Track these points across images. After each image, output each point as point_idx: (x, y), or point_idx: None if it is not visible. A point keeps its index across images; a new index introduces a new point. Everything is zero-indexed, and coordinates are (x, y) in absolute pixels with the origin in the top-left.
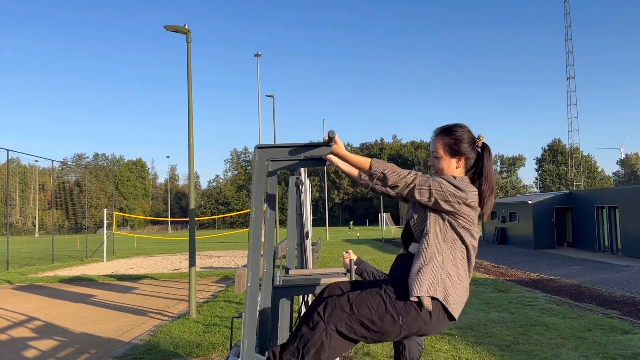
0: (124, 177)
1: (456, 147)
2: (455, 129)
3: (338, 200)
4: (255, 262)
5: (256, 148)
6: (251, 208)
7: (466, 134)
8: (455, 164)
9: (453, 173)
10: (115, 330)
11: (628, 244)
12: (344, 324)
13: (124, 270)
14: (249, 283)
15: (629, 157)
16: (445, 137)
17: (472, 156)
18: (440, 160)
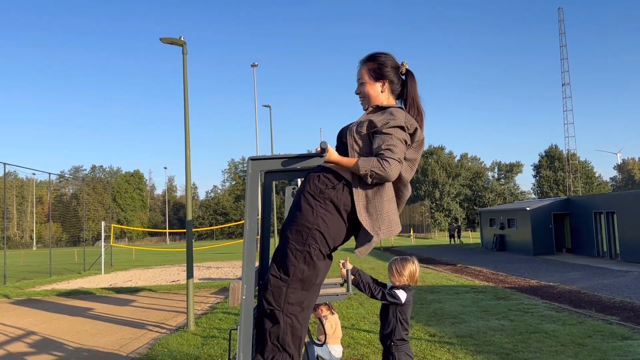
0: (121, 189)
1: (379, 71)
2: (379, 54)
3: None
4: (250, 275)
5: (249, 160)
6: (245, 220)
7: (390, 60)
8: (380, 87)
9: (379, 97)
10: (114, 343)
11: (627, 249)
12: (290, 296)
13: (122, 282)
14: (243, 296)
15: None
16: (369, 62)
17: (396, 81)
18: (365, 85)
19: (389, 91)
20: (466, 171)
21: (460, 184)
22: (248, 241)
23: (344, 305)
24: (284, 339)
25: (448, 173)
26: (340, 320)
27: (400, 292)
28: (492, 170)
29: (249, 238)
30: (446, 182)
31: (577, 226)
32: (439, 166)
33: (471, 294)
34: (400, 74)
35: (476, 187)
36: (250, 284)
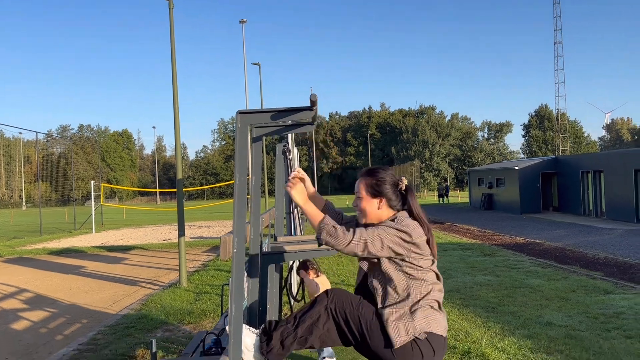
0: (110, 149)
1: (377, 188)
2: (378, 170)
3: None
4: (241, 228)
5: (238, 114)
6: (235, 173)
7: (389, 176)
8: (377, 204)
9: (375, 213)
10: (106, 300)
11: (612, 207)
12: (343, 312)
13: (113, 241)
14: (235, 249)
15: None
16: (368, 178)
17: (394, 198)
18: (362, 200)
19: (386, 207)
20: (456, 131)
21: (450, 144)
22: (238, 195)
23: (334, 262)
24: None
25: (438, 133)
26: (330, 277)
27: None
28: (482, 130)
29: (240, 191)
30: (436, 142)
31: (565, 185)
32: (429, 126)
33: (458, 251)
34: (399, 191)
35: (466, 147)
36: (241, 238)
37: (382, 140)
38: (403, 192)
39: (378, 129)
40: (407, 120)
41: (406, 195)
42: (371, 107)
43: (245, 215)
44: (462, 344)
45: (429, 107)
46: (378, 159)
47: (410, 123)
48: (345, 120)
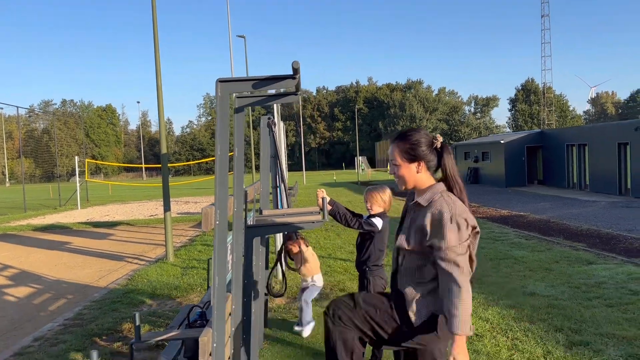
0: (94, 124)
1: (413, 152)
2: (411, 133)
3: (314, 145)
4: (223, 200)
5: (218, 82)
6: (216, 145)
7: (423, 137)
8: (416, 169)
9: (415, 179)
10: (92, 275)
11: (596, 180)
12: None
13: (99, 217)
14: (217, 221)
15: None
16: (401, 143)
17: (432, 159)
18: (400, 168)
19: (425, 170)
20: (443, 105)
21: (438, 119)
22: (220, 166)
23: (321, 236)
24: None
25: (426, 108)
26: (317, 251)
27: (377, 219)
28: (468, 104)
29: (221, 163)
30: (423, 116)
31: (549, 158)
32: (416, 101)
33: None
34: (435, 149)
35: (453, 122)
36: (223, 209)
37: (370, 115)
38: (439, 149)
39: (365, 104)
40: (394, 95)
41: (442, 153)
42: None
43: (227, 187)
44: None
45: (416, 81)
46: (365, 134)
47: (398, 97)
48: (332, 95)
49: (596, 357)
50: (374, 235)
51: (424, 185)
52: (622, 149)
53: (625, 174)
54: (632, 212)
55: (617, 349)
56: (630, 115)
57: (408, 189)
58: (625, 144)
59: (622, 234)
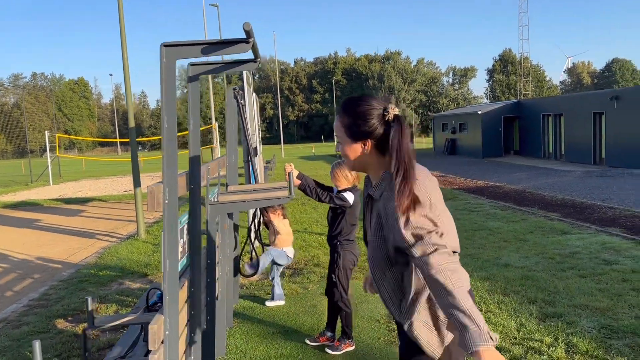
0: (66, 98)
1: (357, 128)
2: (356, 103)
3: (293, 118)
4: (172, 177)
5: (162, 46)
6: (162, 116)
7: (371, 107)
8: (361, 148)
9: (363, 160)
10: (61, 253)
11: (571, 150)
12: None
13: (71, 193)
14: (166, 200)
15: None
16: (345, 116)
17: (382, 132)
18: (344, 145)
19: (374, 149)
20: (422, 77)
21: (416, 90)
22: (167, 141)
23: (297, 210)
24: None
25: (404, 79)
26: (293, 225)
27: (348, 194)
28: (447, 75)
29: (169, 138)
30: (402, 88)
31: (526, 129)
32: (395, 72)
33: None
34: (387, 122)
35: (431, 93)
36: (173, 187)
37: (349, 87)
38: (391, 122)
39: (344, 75)
40: (373, 66)
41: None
42: (337, 53)
43: (176, 162)
44: None
45: (395, 52)
46: None
47: (376, 69)
48: (310, 67)
49: (569, 329)
50: (346, 209)
51: (375, 169)
52: (598, 119)
53: (600, 144)
54: (606, 182)
55: (589, 320)
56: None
57: (357, 170)
58: (601, 114)
59: (596, 203)
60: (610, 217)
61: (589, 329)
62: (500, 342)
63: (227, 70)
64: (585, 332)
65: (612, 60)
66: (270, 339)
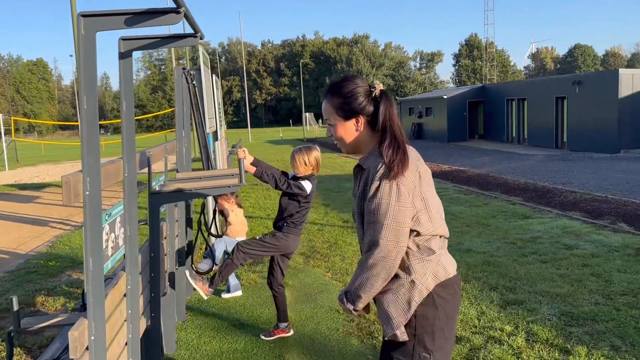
0: (24, 80)
1: (349, 107)
2: (343, 84)
3: (260, 101)
4: (93, 165)
5: (80, 17)
6: (81, 96)
7: (358, 86)
8: (354, 126)
9: (356, 138)
10: (11, 243)
11: (534, 134)
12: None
13: (27, 179)
14: (87, 191)
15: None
16: (334, 97)
17: (371, 110)
18: (336, 127)
19: (366, 125)
20: (390, 61)
21: (384, 74)
22: (87, 124)
23: (261, 196)
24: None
25: (372, 63)
26: (257, 211)
27: (306, 182)
28: (414, 59)
29: (89, 121)
30: (370, 72)
31: (490, 113)
32: (363, 56)
33: None
34: (375, 98)
35: (399, 77)
36: (94, 177)
37: (317, 70)
38: (377, 98)
39: (312, 59)
40: (341, 50)
41: (379, 103)
42: (305, 36)
43: (97, 147)
44: None
45: (362, 35)
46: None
47: (345, 52)
48: (278, 49)
49: (530, 316)
50: (300, 198)
51: (367, 145)
52: (560, 103)
53: (562, 128)
54: (567, 165)
55: (550, 307)
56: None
57: (351, 151)
58: (563, 98)
59: (557, 187)
60: (571, 200)
61: (550, 317)
62: (461, 331)
63: (164, 46)
64: (545, 320)
65: (575, 46)
66: (224, 332)
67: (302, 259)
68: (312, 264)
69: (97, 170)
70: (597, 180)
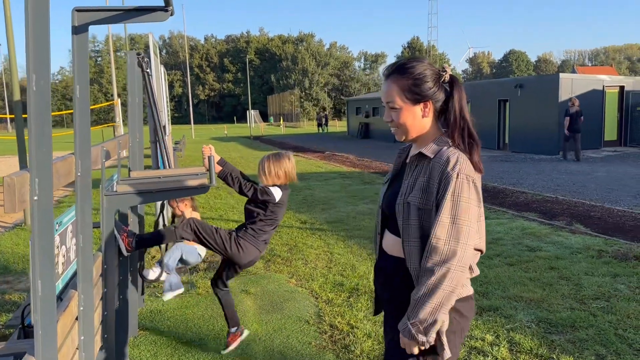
0: None
1: (418, 90)
2: (413, 64)
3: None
4: (44, 163)
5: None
6: (28, 76)
7: (428, 68)
8: (421, 111)
9: (421, 125)
10: None
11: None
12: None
13: None
14: (35, 196)
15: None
16: (401, 77)
17: (440, 97)
18: (400, 111)
19: (433, 113)
20: (335, 60)
21: (329, 73)
22: (35, 112)
23: (211, 195)
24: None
25: (317, 62)
26: (208, 212)
27: (275, 189)
28: (358, 60)
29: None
30: (315, 71)
31: None
32: (308, 54)
33: (339, 179)
34: (443, 84)
35: (344, 77)
36: (45, 178)
37: (262, 67)
38: (446, 85)
39: (257, 55)
40: (286, 47)
41: (452, 89)
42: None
43: (49, 141)
44: (349, 281)
45: (308, 34)
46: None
47: (290, 50)
48: (222, 44)
49: (508, 324)
50: (268, 205)
51: (429, 134)
52: (502, 106)
53: (504, 130)
54: (512, 166)
55: (526, 314)
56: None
57: (409, 140)
58: (505, 101)
59: (508, 187)
60: (523, 201)
61: (528, 324)
62: None
63: (127, 21)
64: (525, 327)
65: (510, 52)
66: (183, 349)
67: (262, 264)
68: (273, 269)
69: (48, 170)
70: (544, 181)
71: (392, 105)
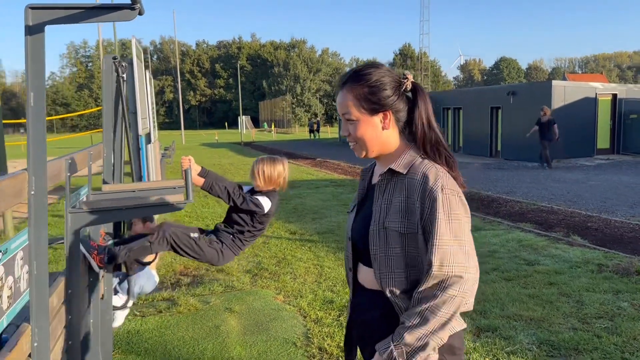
0: None
1: (375, 98)
2: (368, 71)
3: (195, 102)
4: None
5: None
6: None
7: (386, 74)
8: (381, 123)
9: (382, 139)
10: None
11: (469, 142)
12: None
13: None
14: None
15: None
16: (356, 86)
17: (401, 107)
18: (358, 124)
19: (394, 124)
20: (327, 67)
21: (321, 80)
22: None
23: (198, 204)
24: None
25: (309, 68)
26: (193, 222)
27: (265, 200)
28: (350, 66)
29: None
30: (307, 77)
31: None
32: (300, 60)
33: (331, 187)
34: (404, 92)
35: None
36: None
37: (253, 73)
38: (408, 93)
39: (249, 61)
40: (278, 53)
41: (416, 98)
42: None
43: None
44: (339, 297)
45: (300, 40)
46: (249, 93)
47: (282, 56)
48: (213, 50)
49: (508, 346)
50: (255, 216)
51: (393, 149)
52: (495, 113)
53: (496, 137)
54: (505, 174)
55: (527, 334)
56: (494, 82)
57: (371, 157)
58: (498, 108)
59: (501, 196)
60: (518, 211)
61: (529, 346)
62: None
63: (90, 20)
64: (525, 350)
65: (500, 59)
66: None
67: (248, 278)
68: (260, 284)
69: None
70: (538, 190)
71: (348, 117)
